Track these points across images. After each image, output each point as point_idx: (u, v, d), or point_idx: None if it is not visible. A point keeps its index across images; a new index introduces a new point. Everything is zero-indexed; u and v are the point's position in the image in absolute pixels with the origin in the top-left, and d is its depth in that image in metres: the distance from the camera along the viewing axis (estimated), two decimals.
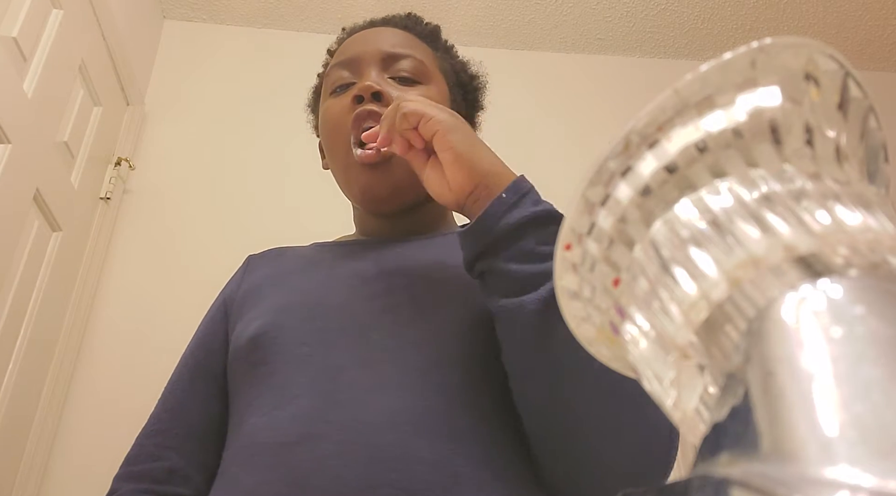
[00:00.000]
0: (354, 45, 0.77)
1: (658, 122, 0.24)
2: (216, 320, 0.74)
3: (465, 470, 0.53)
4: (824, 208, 0.21)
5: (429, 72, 0.76)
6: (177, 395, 0.70)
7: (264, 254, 0.81)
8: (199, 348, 0.73)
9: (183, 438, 0.66)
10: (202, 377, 0.70)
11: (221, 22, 2.28)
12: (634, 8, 2.26)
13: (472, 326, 0.61)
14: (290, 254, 0.78)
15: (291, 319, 0.64)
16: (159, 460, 0.65)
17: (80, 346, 1.77)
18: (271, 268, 0.75)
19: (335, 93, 0.75)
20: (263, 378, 0.61)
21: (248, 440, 0.58)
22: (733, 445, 0.17)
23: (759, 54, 0.23)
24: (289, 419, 0.56)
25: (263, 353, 0.62)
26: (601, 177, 0.25)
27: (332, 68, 0.77)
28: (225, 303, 0.75)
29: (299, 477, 0.52)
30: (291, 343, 0.62)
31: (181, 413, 0.68)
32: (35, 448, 1.59)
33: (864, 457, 0.14)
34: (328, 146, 0.76)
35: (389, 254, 0.71)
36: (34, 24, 1.54)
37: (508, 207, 0.54)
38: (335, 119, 0.73)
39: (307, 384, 0.58)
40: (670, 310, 0.22)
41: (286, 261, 0.76)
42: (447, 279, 0.66)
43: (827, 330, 0.17)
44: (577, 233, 0.26)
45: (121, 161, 1.96)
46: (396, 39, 0.77)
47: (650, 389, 0.24)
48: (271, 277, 0.73)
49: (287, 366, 0.60)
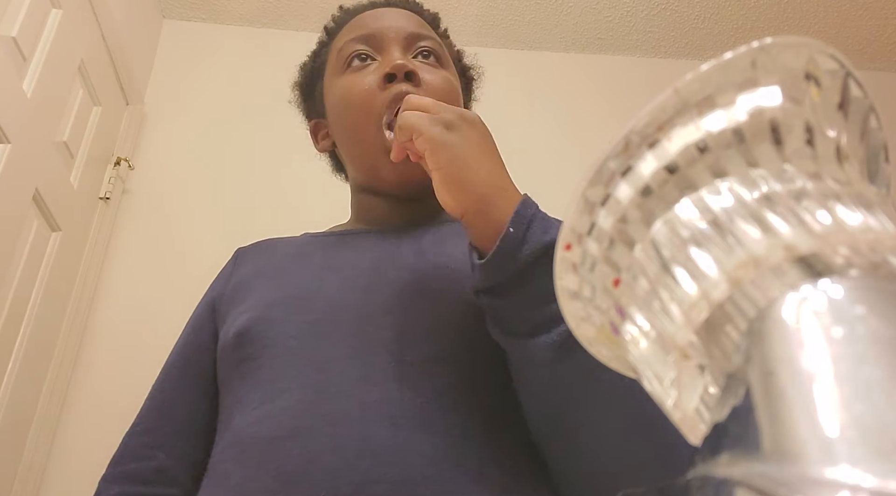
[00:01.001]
0: (372, 20, 0.74)
1: (658, 122, 0.24)
2: (204, 316, 0.72)
3: (460, 464, 0.52)
4: (825, 208, 0.21)
5: (447, 57, 0.75)
6: (164, 393, 0.68)
7: (254, 246, 0.78)
8: (186, 345, 0.71)
9: (170, 437, 0.65)
10: (190, 374, 0.68)
11: (221, 22, 2.28)
12: (634, 8, 2.26)
13: (471, 322, 0.59)
14: (281, 246, 0.76)
15: (281, 312, 0.63)
16: (146, 460, 0.64)
17: (80, 346, 1.77)
18: (261, 261, 0.73)
19: (352, 67, 0.71)
20: (252, 372, 0.60)
21: (237, 435, 0.57)
22: (734, 445, 0.17)
23: (760, 54, 0.23)
24: (278, 413, 0.55)
25: (252, 348, 0.61)
26: (601, 176, 0.25)
27: (348, 43, 0.73)
28: (213, 298, 0.73)
29: (290, 471, 0.51)
30: (281, 336, 0.60)
31: (169, 411, 0.67)
32: (34, 448, 1.58)
33: (865, 457, 0.14)
34: (347, 125, 0.71)
35: (386, 246, 0.69)
36: (34, 23, 1.54)
37: (517, 245, 0.50)
38: (361, 98, 0.68)
39: (297, 377, 0.57)
40: (671, 310, 0.22)
41: (277, 253, 0.74)
42: (446, 272, 0.64)
43: (828, 330, 0.17)
44: (577, 233, 0.26)
45: (120, 161, 1.96)
46: (415, 20, 0.75)
47: (650, 389, 0.24)
48: (261, 270, 0.71)
49: (276, 361, 0.59)
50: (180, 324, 0.74)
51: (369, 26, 0.73)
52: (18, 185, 1.48)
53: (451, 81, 0.73)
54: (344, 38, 0.75)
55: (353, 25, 0.76)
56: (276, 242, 0.77)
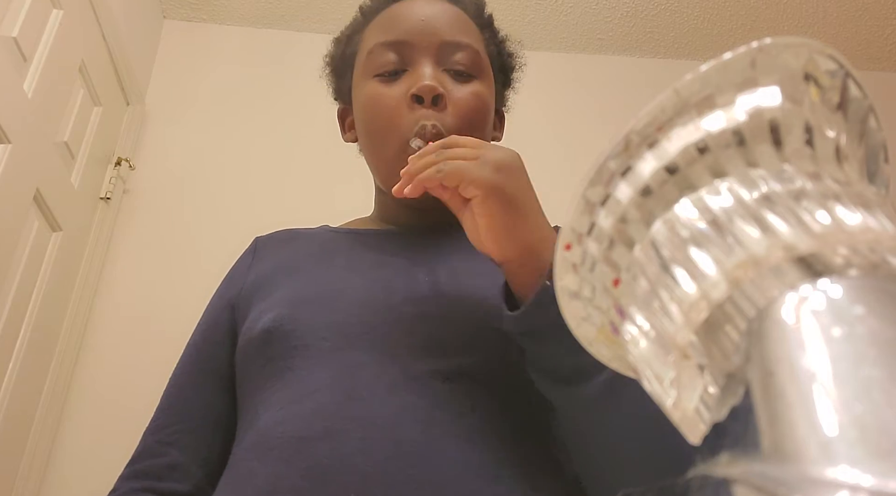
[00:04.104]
0: (405, 22, 0.71)
1: (658, 122, 0.24)
2: (220, 309, 0.71)
3: (489, 470, 0.53)
4: (824, 208, 0.21)
5: (482, 64, 0.72)
6: (179, 389, 0.68)
7: (273, 236, 0.77)
8: (202, 340, 0.70)
9: (184, 433, 0.65)
10: (205, 370, 0.68)
11: (221, 22, 2.28)
12: (634, 8, 2.26)
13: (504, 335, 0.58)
14: (303, 239, 0.74)
15: (308, 312, 0.62)
16: (160, 456, 0.64)
17: (81, 346, 1.77)
18: (283, 257, 0.72)
19: (382, 77, 0.70)
20: (279, 372, 0.59)
21: (263, 434, 0.56)
22: (733, 445, 0.17)
23: (759, 54, 0.23)
24: (309, 413, 0.55)
25: (279, 347, 0.60)
26: (601, 177, 0.25)
27: (378, 47, 0.70)
28: (232, 295, 0.71)
29: (319, 471, 0.51)
30: (309, 336, 0.60)
31: (182, 407, 0.67)
32: (35, 448, 1.59)
33: (864, 457, 0.14)
34: (370, 134, 0.71)
35: (414, 247, 0.69)
36: (34, 24, 1.54)
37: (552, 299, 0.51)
38: (388, 112, 0.67)
39: (327, 379, 0.57)
40: (670, 310, 0.22)
41: (299, 247, 0.73)
42: (474, 276, 0.64)
43: (827, 330, 0.17)
44: (577, 233, 0.26)
45: (121, 161, 1.96)
46: (452, 23, 0.71)
47: (650, 389, 0.24)
48: (284, 265, 0.70)
49: (305, 361, 0.59)
50: (180, 323, 0.74)
51: (400, 31, 0.70)
52: (19, 185, 1.48)
53: (481, 97, 0.70)
54: (375, 36, 0.72)
55: (387, 21, 0.72)
56: (297, 235, 0.76)
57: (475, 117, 0.69)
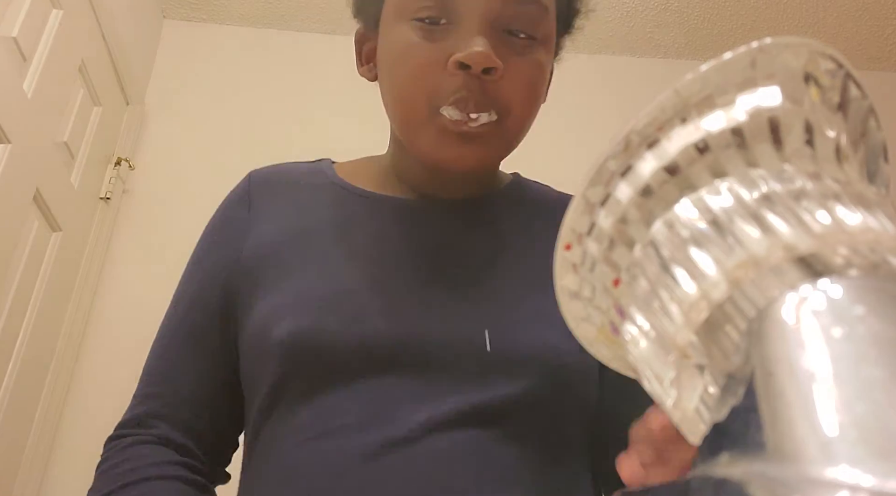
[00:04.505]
0: None
1: (658, 122, 0.24)
2: (210, 288, 0.63)
3: None
4: (824, 208, 0.21)
5: (549, 26, 0.59)
6: (168, 361, 0.63)
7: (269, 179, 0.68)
8: (192, 310, 0.64)
9: (173, 407, 0.60)
10: (196, 348, 0.62)
11: (221, 22, 2.28)
12: (634, 8, 2.26)
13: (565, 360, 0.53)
14: (307, 194, 0.65)
15: (334, 321, 0.54)
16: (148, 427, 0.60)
17: (80, 346, 1.77)
18: (289, 218, 0.63)
19: (421, 22, 0.56)
20: (302, 393, 0.54)
21: (287, 468, 0.52)
22: (733, 445, 0.17)
23: (759, 54, 0.23)
24: (338, 450, 0.51)
25: (303, 363, 0.54)
26: (601, 177, 0.25)
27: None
28: (224, 260, 0.64)
29: None
30: (336, 354, 0.53)
31: (172, 381, 0.61)
32: (35, 448, 1.59)
33: (865, 457, 0.14)
34: (397, 86, 0.58)
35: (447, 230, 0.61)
36: (34, 24, 1.54)
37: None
38: (422, 70, 0.55)
39: (357, 412, 0.52)
40: (670, 310, 0.22)
41: (306, 209, 0.63)
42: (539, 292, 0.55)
43: (827, 330, 0.17)
44: (577, 233, 0.26)
45: (120, 161, 1.96)
46: None
47: (650, 389, 0.24)
48: (292, 235, 0.61)
49: (333, 387, 0.53)
50: None
51: None
52: (19, 185, 1.48)
53: (543, 69, 0.60)
54: None
55: None
56: (298, 184, 0.66)
57: (531, 94, 0.59)
